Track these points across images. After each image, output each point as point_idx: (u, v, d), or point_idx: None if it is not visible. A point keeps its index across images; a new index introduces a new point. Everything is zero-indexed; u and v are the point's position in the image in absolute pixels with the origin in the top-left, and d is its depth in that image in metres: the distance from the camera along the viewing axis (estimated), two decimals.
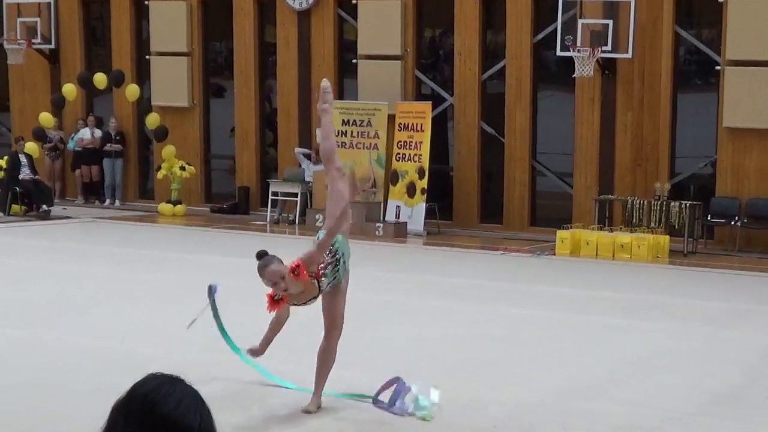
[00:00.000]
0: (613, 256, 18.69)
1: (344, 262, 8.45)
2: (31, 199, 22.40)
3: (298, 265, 8.01)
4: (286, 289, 7.99)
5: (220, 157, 25.03)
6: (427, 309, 13.18)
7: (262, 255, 8.03)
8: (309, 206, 22.26)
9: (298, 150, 22.75)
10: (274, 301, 8.17)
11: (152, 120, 23.60)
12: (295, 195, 22.43)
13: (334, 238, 8.25)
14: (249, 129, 24.00)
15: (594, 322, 12.71)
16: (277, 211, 22.67)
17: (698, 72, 20.98)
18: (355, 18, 22.69)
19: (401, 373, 8.75)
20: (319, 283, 8.20)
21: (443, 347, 10.89)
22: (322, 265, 8.19)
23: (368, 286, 14.69)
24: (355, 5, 22.59)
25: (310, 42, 23.20)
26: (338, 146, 21.67)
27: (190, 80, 24.32)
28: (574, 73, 20.01)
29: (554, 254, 18.87)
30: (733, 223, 19.64)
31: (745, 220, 19.69)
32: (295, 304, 8.39)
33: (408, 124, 21.69)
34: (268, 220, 22.46)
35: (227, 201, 23.98)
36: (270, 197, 22.66)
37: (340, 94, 23.12)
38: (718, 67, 19.97)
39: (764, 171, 19.76)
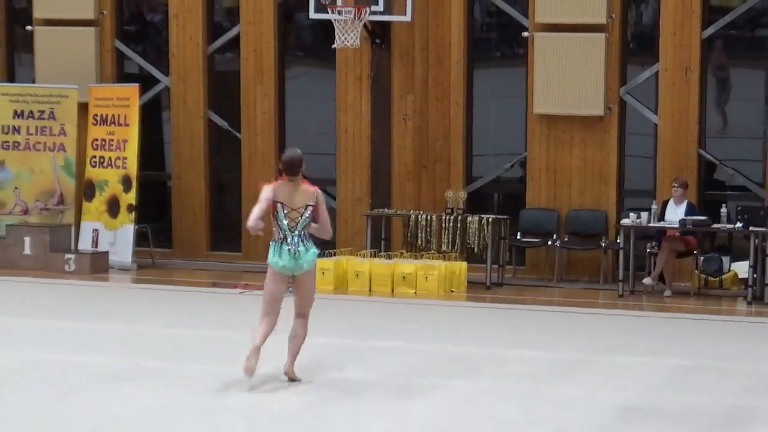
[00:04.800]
0: (393, 291, 18.80)
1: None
2: None
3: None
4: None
5: None
6: (141, 371, 12.89)
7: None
8: None
9: None
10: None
11: None
12: None
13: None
14: None
15: (366, 382, 12.63)
16: None
17: (500, 40, 21.37)
18: None
19: None
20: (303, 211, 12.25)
21: (163, 425, 10.65)
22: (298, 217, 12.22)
23: (58, 342, 14.32)
24: None
25: None
26: (9, 147, 21.38)
27: None
28: (334, 44, 20.06)
29: None
30: (550, 243, 20.05)
31: (566, 239, 20.11)
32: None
33: (107, 115, 21.37)
34: None
35: None
36: None
37: (10, 76, 22.69)
38: (525, 34, 20.37)
39: (590, 173, 20.22)
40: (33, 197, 21.58)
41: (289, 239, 12.17)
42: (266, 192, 12.22)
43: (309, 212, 12.19)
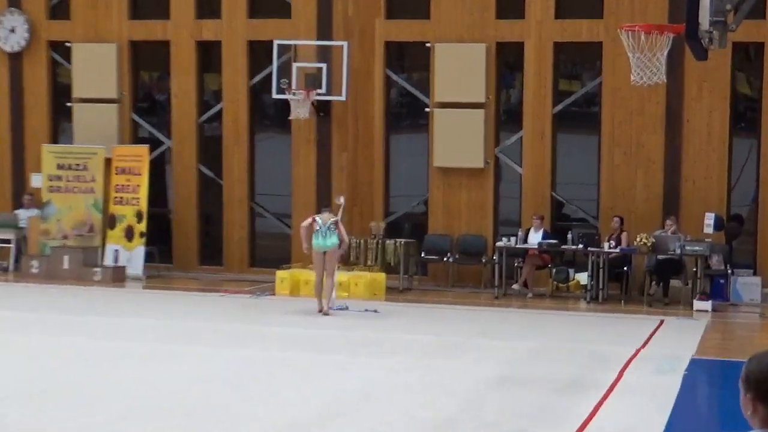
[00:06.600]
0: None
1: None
2: None
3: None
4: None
5: None
6: (150, 353, 12.79)
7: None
8: (23, 253, 21.40)
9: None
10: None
11: None
12: (8, 242, 21.53)
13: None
14: None
15: (312, 359, 12.60)
16: None
17: (409, 113, 21.35)
18: (69, 61, 22.04)
19: (125, 417, 8.31)
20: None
21: (170, 389, 10.55)
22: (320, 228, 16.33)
23: (89, 333, 14.20)
24: (69, 48, 21.94)
25: (22, 85, 22.34)
26: (54, 191, 21.22)
27: None
28: (290, 116, 20.02)
29: (274, 294, 18.75)
30: (445, 259, 20.05)
31: (457, 256, 20.13)
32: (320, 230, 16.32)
33: (125, 167, 21.20)
34: None
35: None
36: None
37: (54, 138, 22.46)
38: (427, 109, 20.42)
39: (473, 208, 20.28)
40: (71, 226, 21.39)
41: (322, 230, 16.26)
42: (308, 218, 16.52)
43: (331, 223, 16.27)
